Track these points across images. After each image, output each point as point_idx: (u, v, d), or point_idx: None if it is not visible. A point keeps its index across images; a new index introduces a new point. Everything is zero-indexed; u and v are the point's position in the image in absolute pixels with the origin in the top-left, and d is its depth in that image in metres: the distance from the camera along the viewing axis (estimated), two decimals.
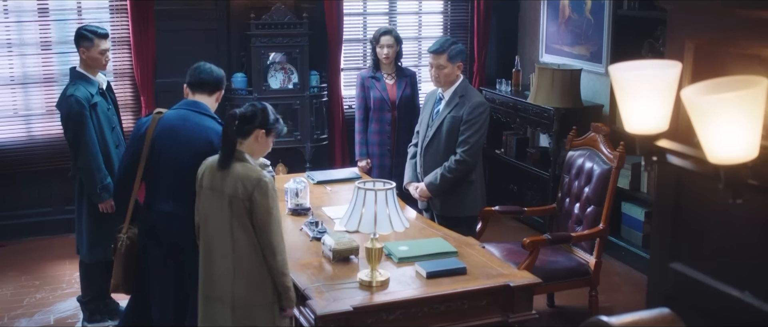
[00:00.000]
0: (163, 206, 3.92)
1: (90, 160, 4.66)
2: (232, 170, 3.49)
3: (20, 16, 6.39)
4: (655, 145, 2.17)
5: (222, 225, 3.49)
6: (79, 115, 4.63)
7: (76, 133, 4.65)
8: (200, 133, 3.91)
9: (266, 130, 3.62)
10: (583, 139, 5.03)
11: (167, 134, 3.94)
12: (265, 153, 3.73)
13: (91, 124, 4.67)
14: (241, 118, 3.58)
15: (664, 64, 2.15)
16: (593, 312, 4.74)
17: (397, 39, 5.96)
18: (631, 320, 2.07)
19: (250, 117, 3.59)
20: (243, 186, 3.42)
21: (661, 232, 2.67)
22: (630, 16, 6.18)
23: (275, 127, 3.67)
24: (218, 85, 4.16)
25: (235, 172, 3.48)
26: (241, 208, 3.43)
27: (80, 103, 4.63)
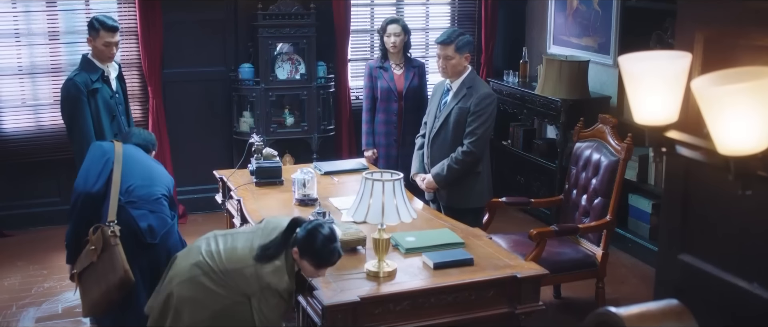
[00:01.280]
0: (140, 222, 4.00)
1: (83, 145, 4.69)
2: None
3: (28, 6, 6.40)
4: (665, 136, 2.15)
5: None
6: (75, 98, 4.70)
7: (71, 116, 4.73)
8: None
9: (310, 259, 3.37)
10: (590, 130, 5.02)
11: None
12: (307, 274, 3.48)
13: (88, 109, 4.72)
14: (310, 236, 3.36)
15: (674, 55, 2.14)
16: (600, 303, 4.74)
17: (404, 28, 5.95)
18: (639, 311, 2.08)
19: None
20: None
21: (670, 223, 2.66)
22: (638, 7, 6.16)
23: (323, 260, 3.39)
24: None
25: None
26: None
27: (77, 87, 4.69)
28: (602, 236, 4.73)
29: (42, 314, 5.10)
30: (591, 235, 4.81)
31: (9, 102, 6.49)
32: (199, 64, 6.82)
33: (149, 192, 4.06)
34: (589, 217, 4.82)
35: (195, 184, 6.75)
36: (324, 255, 3.34)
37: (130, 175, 4.06)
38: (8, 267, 5.84)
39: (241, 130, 6.77)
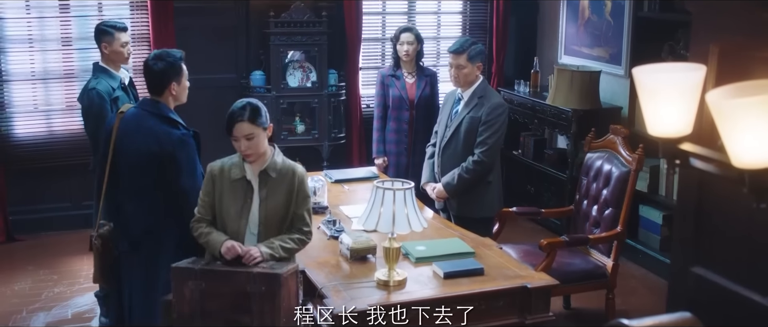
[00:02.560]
0: (125, 205, 3.97)
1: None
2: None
3: (42, 12, 6.44)
4: (679, 148, 2.15)
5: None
6: (99, 108, 4.66)
7: (96, 126, 4.69)
8: (147, 140, 3.87)
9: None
10: (601, 141, 5.01)
11: (124, 136, 3.96)
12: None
13: (112, 118, 4.70)
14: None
15: (689, 67, 2.13)
16: (610, 315, 4.72)
17: (417, 37, 5.95)
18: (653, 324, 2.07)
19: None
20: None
21: (683, 235, 2.66)
22: (650, 18, 6.15)
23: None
24: (163, 81, 3.92)
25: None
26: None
27: (101, 97, 4.67)
28: (613, 247, 4.71)
29: (52, 319, 5.11)
30: (601, 245, 4.80)
31: (22, 107, 6.52)
32: (211, 71, 6.84)
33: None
34: (599, 228, 4.81)
35: None
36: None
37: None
38: (19, 271, 5.85)
39: None
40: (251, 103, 3.54)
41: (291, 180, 3.53)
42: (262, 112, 3.52)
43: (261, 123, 3.49)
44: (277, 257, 3.49)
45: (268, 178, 3.54)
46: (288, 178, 3.54)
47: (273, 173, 3.54)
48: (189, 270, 3.45)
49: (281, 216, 3.54)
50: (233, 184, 3.56)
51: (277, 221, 3.55)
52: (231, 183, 3.56)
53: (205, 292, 3.42)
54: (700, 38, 2.56)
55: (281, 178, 3.54)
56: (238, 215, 3.55)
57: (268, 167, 3.54)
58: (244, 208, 3.55)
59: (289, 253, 3.56)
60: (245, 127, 3.46)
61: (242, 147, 3.49)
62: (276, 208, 3.53)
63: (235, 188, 3.55)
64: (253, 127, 3.47)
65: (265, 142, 3.53)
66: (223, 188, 3.57)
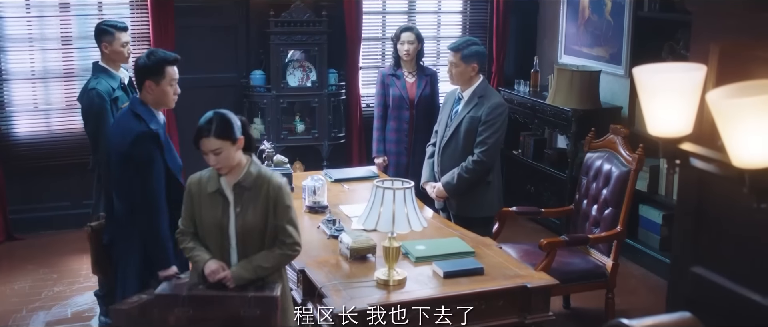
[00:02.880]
0: (111, 199, 3.99)
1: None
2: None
3: (42, 11, 6.44)
4: (679, 148, 2.15)
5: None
6: (99, 108, 4.67)
7: (96, 126, 4.70)
8: (116, 136, 3.89)
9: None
10: (601, 140, 5.01)
11: (108, 132, 4.05)
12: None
13: (112, 117, 4.70)
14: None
15: (689, 67, 2.14)
16: (609, 314, 4.72)
17: (418, 36, 5.95)
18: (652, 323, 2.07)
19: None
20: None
21: (683, 235, 2.66)
22: (650, 18, 6.15)
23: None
24: (139, 77, 3.85)
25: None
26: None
27: (101, 97, 4.67)
28: (612, 247, 4.71)
29: (52, 318, 5.11)
30: (601, 245, 4.80)
31: (22, 106, 6.52)
32: (211, 70, 6.84)
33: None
34: (599, 228, 4.81)
35: None
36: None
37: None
38: (19, 270, 5.85)
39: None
40: (219, 116, 3.39)
41: (266, 191, 3.39)
42: (230, 124, 3.36)
43: (229, 136, 3.34)
44: (253, 278, 3.37)
45: (243, 191, 3.41)
46: (264, 189, 3.39)
47: (248, 185, 3.40)
48: (174, 297, 3.30)
49: (260, 229, 3.40)
50: (210, 197, 3.43)
51: (257, 235, 3.41)
52: (208, 196, 3.44)
53: (192, 319, 3.27)
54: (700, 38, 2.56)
55: (257, 190, 3.39)
56: (217, 230, 3.42)
57: (242, 179, 3.41)
58: (222, 222, 3.41)
59: (269, 271, 3.42)
60: (212, 142, 3.32)
61: (211, 161, 3.36)
62: (253, 222, 3.38)
63: (212, 202, 3.43)
64: (220, 141, 3.32)
65: (235, 155, 3.38)
66: (201, 202, 3.45)
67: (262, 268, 3.40)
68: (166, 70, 3.82)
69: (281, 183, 3.43)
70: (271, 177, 3.44)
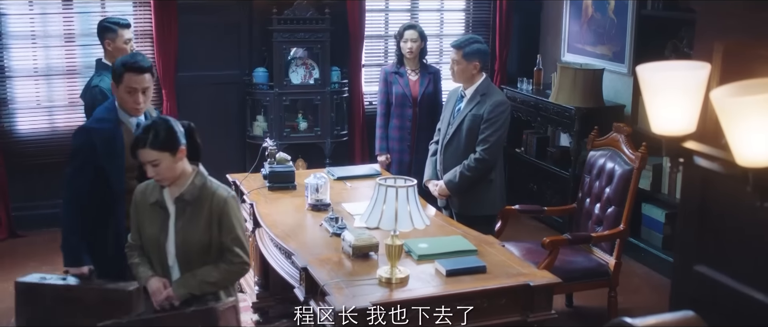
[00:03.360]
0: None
1: None
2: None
3: (45, 8, 6.44)
4: (682, 146, 2.15)
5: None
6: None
7: None
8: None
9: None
10: (604, 139, 5.00)
11: None
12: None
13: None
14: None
15: (693, 66, 2.13)
16: (612, 313, 4.72)
17: (421, 34, 5.95)
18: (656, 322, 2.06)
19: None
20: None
21: (686, 234, 2.65)
22: (654, 16, 6.14)
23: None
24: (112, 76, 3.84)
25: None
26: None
27: (104, 94, 4.67)
28: (615, 245, 4.71)
29: None
30: (604, 244, 4.80)
31: (24, 103, 6.52)
32: (214, 68, 6.84)
33: None
34: (602, 226, 4.80)
35: None
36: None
37: None
38: (21, 267, 5.84)
39: (254, 134, 6.78)
40: (157, 126, 3.20)
41: (210, 206, 3.21)
42: (169, 134, 3.18)
43: (167, 147, 3.16)
44: (199, 294, 3.23)
45: (185, 205, 3.23)
46: (207, 203, 3.21)
47: (190, 198, 3.23)
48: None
49: (202, 247, 3.23)
50: (151, 208, 3.27)
51: (198, 253, 3.23)
52: (149, 207, 3.28)
53: None
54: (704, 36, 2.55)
55: (200, 204, 3.21)
56: (157, 244, 3.27)
57: (185, 192, 3.24)
58: (161, 236, 3.25)
59: (216, 286, 3.27)
60: (148, 154, 3.16)
61: (150, 173, 3.20)
62: (194, 239, 3.21)
63: (153, 213, 3.27)
64: (158, 152, 3.15)
65: (176, 166, 3.20)
66: (144, 213, 3.30)
67: (207, 283, 3.22)
68: (124, 77, 3.70)
69: (227, 197, 3.25)
70: (217, 190, 3.25)
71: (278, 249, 4.21)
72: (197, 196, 3.23)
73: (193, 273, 3.23)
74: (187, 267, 3.24)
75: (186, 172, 3.26)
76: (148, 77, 3.77)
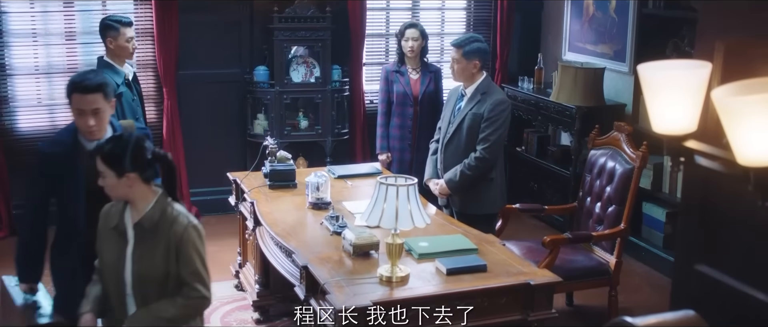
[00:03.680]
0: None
1: None
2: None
3: (45, 6, 6.43)
4: (684, 145, 2.15)
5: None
6: None
7: None
8: None
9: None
10: (605, 138, 5.00)
11: None
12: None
13: (116, 113, 4.70)
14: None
15: (694, 65, 2.13)
16: (612, 312, 4.72)
17: (422, 33, 5.95)
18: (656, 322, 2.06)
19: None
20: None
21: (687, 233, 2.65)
22: (655, 15, 6.14)
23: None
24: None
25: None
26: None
27: None
28: (616, 244, 4.71)
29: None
30: (604, 243, 4.79)
31: (25, 101, 6.52)
32: (215, 66, 6.84)
33: None
34: (602, 225, 4.80)
35: (208, 185, 6.76)
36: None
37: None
38: None
39: (255, 132, 6.78)
40: (118, 141, 2.98)
41: (168, 235, 2.94)
42: (118, 154, 2.93)
43: (113, 166, 2.93)
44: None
45: (143, 232, 2.97)
46: (165, 232, 2.95)
47: (148, 226, 2.97)
48: None
49: (159, 279, 2.96)
50: (110, 233, 3.04)
51: (156, 284, 2.96)
52: (109, 231, 3.04)
53: None
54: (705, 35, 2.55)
55: (158, 233, 2.95)
56: (114, 272, 3.00)
57: (144, 219, 2.97)
58: (119, 264, 2.99)
59: (172, 323, 2.98)
60: (98, 163, 2.96)
61: (100, 183, 2.99)
62: (150, 269, 2.95)
63: (111, 239, 3.03)
64: (103, 166, 2.94)
65: (120, 187, 2.96)
66: (104, 237, 3.06)
67: (161, 319, 2.95)
68: (72, 98, 3.37)
69: (187, 226, 2.96)
70: (177, 218, 2.97)
71: (279, 247, 4.21)
72: (156, 224, 2.97)
73: (148, 308, 2.97)
74: (144, 299, 2.98)
75: (146, 197, 2.99)
76: (96, 98, 3.34)
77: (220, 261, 5.77)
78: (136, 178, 2.94)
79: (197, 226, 3.00)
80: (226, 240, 6.04)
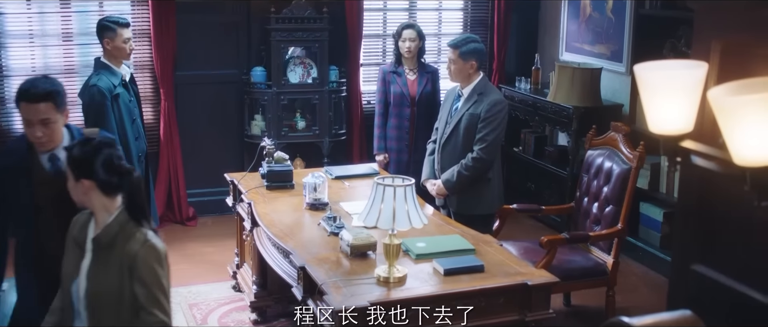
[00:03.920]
0: None
1: None
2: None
3: (42, 7, 6.43)
4: (680, 145, 2.15)
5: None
6: (100, 105, 4.67)
7: (96, 123, 4.70)
8: None
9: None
10: (602, 138, 5.01)
11: None
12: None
13: (112, 114, 4.71)
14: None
15: (690, 65, 2.13)
16: (610, 312, 4.72)
17: (419, 34, 5.96)
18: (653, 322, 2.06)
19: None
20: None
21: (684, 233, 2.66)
22: (652, 15, 6.14)
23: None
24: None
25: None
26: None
27: (102, 94, 4.67)
28: (613, 244, 4.71)
29: None
30: (602, 243, 4.80)
31: None
32: (212, 67, 6.84)
33: None
34: (600, 225, 4.81)
35: (205, 186, 6.76)
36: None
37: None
38: None
39: (252, 133, 6.78)
40: (83, 146, 2.80)
41: (121, 254, 2.70)
42: (86, 161, 2.74)
43: (74, 169, 2.76)
44: None
45: (100, 247, 2.75)
46: (119, 250, 2.71)
47: (106, 241, 2.74)
48: None
49: (113, 298, 2.70)
50: (71, 244, 2.84)
51: (108, 305, 2.71)
52: (71, 241, 2.85)
53: None
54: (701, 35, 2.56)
55: (114, 249, 2.72)
56: (69, 285, 2.81)
57: (102, 233, 2.74)
58: (74, 277, 2.79)
59: None
60: (67, 166, 2.81)
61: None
62: (103, 289, 2.71)
63: (72, 249, 2.83)
64: (68, 170, 2.78)
65: (77, 191, 2.78)
66: (68, 245, 2.86)
67: None
68: (20, 106, 3.28)
69: (143, 244, 2.71)
70: (134, 235, 2.72)
71: (276, 248, 4.21)
72: (113, 238, 2.73)
73: None
74: (95, 319, 2.75)
75: (107, 209, 2.76)
76: (44, 107, 3.18)
77: (217, 262, 5.78)
78: (91, 186, 2.72)
79: (155, 246, 2.72)
80: (224, 241, 6.04)
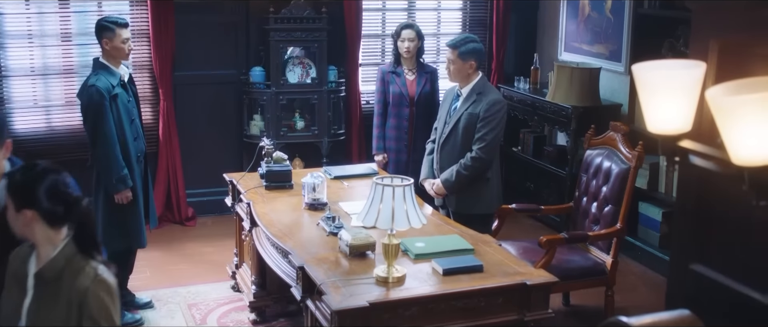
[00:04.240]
0: None
1: (108, 151, 4.71)
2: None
3: (41, 7, 6.42)
4: (678, 145, 2.15)
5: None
6: (98, 105, 4.67)
7: (95, 123, 4.71)
8: None
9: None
10: (601, 138, 5.01)
11: None
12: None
13: (111, 115, 4.71)
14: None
15: (689, 64, 2.13)
16: (609, 312, 4.73)
17: (418, 34, 5.96)
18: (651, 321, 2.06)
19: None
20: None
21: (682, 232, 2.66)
22: (650, 15, 6.15)
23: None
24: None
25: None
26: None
27: (101, 94, 4.67)
28: (612, 244, 4.71)
29: None
30: (601, 242, 4.80)
31: (21, 103, 6.50)
32: (211, 67, 6.84)
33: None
34: (599, 225, 4.81)
35: (205, 186, 6.76)
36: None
37: None
38: None
39: (251, 133, 6.78)
40: (26, 173, 2.61)
41: (69, 292, 2.46)
42: (32, 189, 2.53)
43: (17, 202, 2.52)
44: None
45: (43, 283, 2.50)
46: (66, 287, 2.46)
47: (50, 277, 2.49)
48: None
49: None
50: (11, 279, 2.60)
51: None
52: (10, 277, 2.60)
53: None
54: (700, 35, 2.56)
55: (60, 285, 2.48)
56: (6, 325, 2.58)
57: (45, 267, 2.50)
58: (14, 318, 2.53)
59: None
60: (7, 196, 2.57)
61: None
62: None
63: (12, 286, 2.59)
64: (8, 199, 2.53)
65: (18, 222, 2.53)
66: (7, 282, 2.62)
67: None
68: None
69: (94, 279, 2.47)
70: (83, 270, 2.48)
71: (275, 248, 4.21)
72: (59, 272, 2.49)
73: None
74: None
75: (51, 241, 2.52)
76: None
77: (216, 262, 5.78)
78: (34, 216, 2.49)
79: (106, 281, 2.49)
80: (223, 241, 6.05)
